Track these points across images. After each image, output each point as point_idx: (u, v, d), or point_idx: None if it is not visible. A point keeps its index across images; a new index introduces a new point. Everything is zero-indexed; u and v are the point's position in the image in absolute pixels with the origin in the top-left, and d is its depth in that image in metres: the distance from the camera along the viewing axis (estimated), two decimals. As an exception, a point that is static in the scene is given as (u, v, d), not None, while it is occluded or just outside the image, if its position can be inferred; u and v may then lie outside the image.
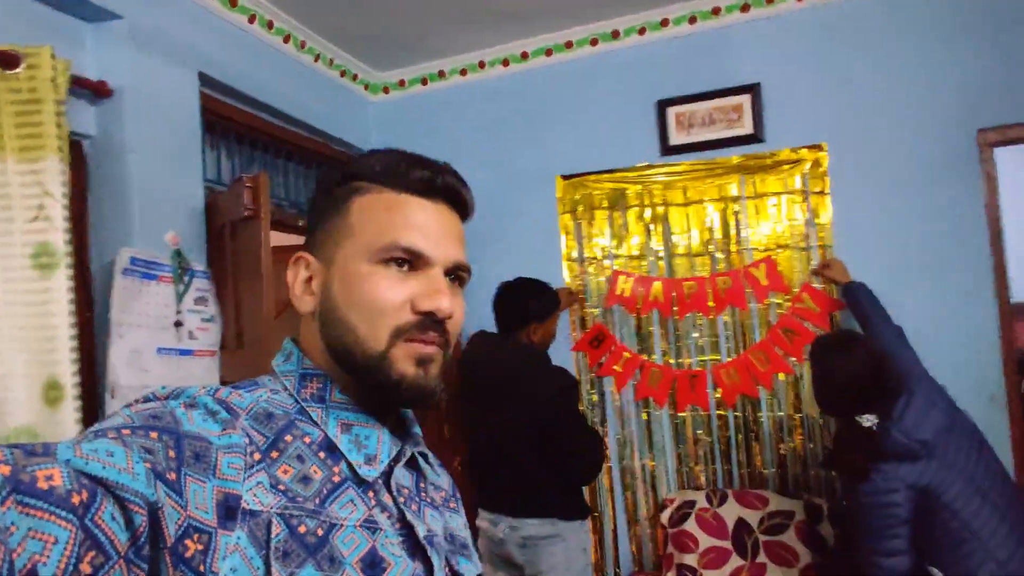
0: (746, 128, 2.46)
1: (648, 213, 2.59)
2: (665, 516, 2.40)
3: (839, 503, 2.25)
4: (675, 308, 2.53)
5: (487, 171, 2.77)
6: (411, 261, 0.64)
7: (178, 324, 1.99)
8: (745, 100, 2.46)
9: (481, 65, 2.77)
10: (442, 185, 0.67)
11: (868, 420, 1.78)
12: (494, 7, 2.42)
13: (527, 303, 2.09)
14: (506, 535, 2.05)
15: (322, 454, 0.62)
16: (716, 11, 2.48)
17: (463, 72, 2.79)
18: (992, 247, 2.22)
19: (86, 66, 1.87)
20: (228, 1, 2.16)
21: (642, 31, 2.55)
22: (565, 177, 2.69)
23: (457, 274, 0.68)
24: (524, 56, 2.71)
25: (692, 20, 2.51)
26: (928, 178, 2.28)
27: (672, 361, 2.55)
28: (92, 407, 1.80)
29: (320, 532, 0.57)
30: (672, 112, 2.52)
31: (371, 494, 0.62)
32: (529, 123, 2.76)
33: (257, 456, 0.57)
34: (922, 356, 1.96)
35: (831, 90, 2.40)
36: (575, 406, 2.04)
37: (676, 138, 2.52)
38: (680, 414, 2.54)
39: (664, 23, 2.53)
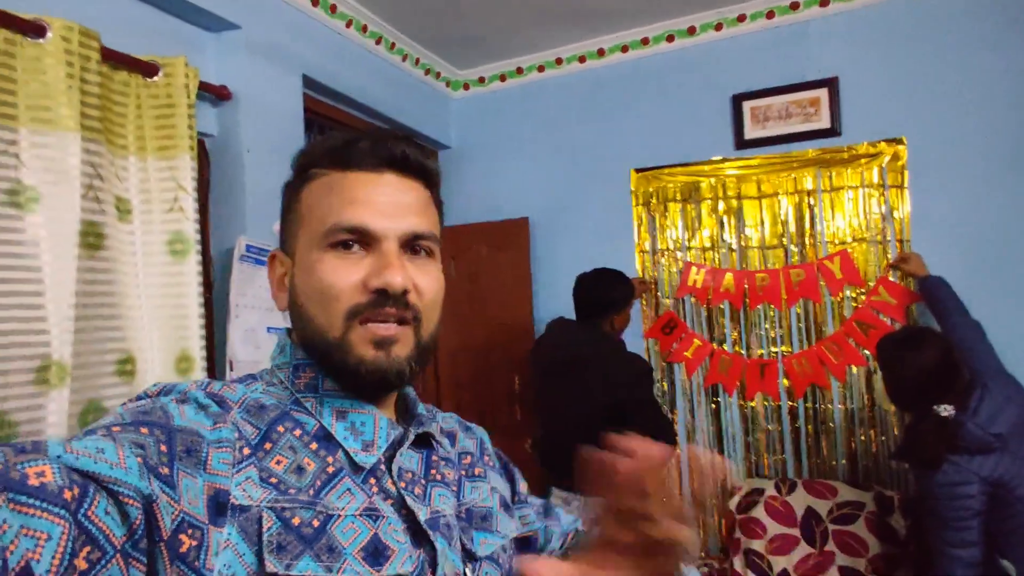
0: (823, 122, 2.60)
1: (721, 206, 2.76)
2: (733, 503, 2.57)
3: (910, 495, 2.37)
4: (747, 299, 2.70)
5: (562, 164, 2.98)
6: (361, 241, 0.64)
7: (283, 306, 2.29)
8: (822, 94, 2.60)
9: (558, 62, 2.99)
10: (386, 155, 0.66)
11: (946, 410, 1.86)
12: (571, 6, 2.62)
13: (609, 292, 2.29)
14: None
15: (314, 445, 0.63)
16: (795, 6, 2.62)
17: (540, 68, 3.02)
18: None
19: (208, 72, 2.17)
20: (328, 8, 2.45)
21: (719, 27, 2.72)
22: (639, 170, 2.89)
23: (418, 245, 0.67)
24: (600, 53, 2.91)
25: (770, 15, 2.65)
26: (1007, 172, 2.37)
27: (742, 351, 2.72)
28: (216, 378, 2.10)
29: (316, 523, 0.57)
30: (747, 106, 2.68)
31: (372, 481, 0.64)
32: (604, 118, 2.95)
33: (247, 451, 0.58)
34: (999, 352, 2.05)
35: (910, 84, 2.50)
36: (651, 391, 2.24)
37: (751, 132, 2.67)
38: (750, 403, 2.70)
39: (741, 18, 2.69)
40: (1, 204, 1.59)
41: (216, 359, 2.14)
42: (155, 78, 1.94)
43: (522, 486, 0.87)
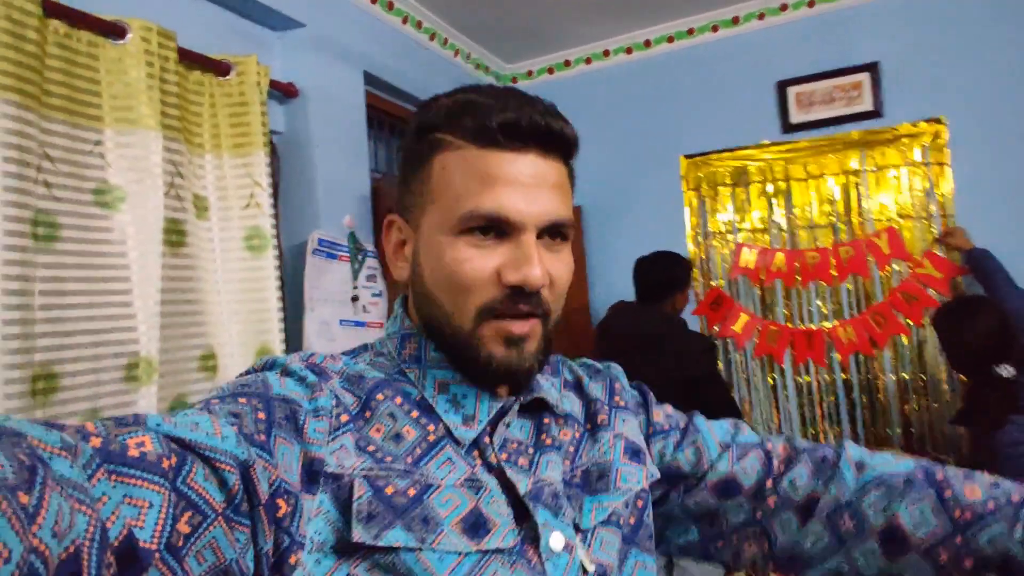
0: (865, 105, 2.49)
1: (770, 188, 2.66)
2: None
3: (964, 458, 2.28)
4: (798, 277, 2.59)
5: (612, 153, 2.86)
6: (497, 229, 0.56)
7: (354, 299, 2.17)
8: (864, 78, 2.48)
9: (606, 54, 2.86)
10: (529, 128, 0.56)
11: (1007, 370, 1.81)
12: (617, -1, 2.51)
13: (670, 272, 2.20)
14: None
15: (415, 413, 0.58)
16: (834, -8, 2.50)
17: (588, 61, 2.89)
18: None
19: (275, 70, 2.05)
20: (387, 4, 2.32)
21: (761, 16, 2.60)
22: (688, 156, 2.77)
23: (555, 231, 0.59)
24: (647, 44, 2.78)
25: (811, 3, 2.54)
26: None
27: (791, 325, 2.62)
28: (294, 371, 1.99)
29: (412, 492, 0.53)
30: (792, 92, 2.56)
31: (476, 453, 0.58)
32: (653, 107, 2.84)
33: (345, 418, 0.54)
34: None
35: (948, 65, 2.40)
36: (716, 366, 2.14)
37: (796, 116, 2.56)
38: (804, 378, 2.60)
39: (783, 7, 2.57)
40: (90, 204, 1.48)
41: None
42: (228, 77, 1.84)
43: (656, 414, 0.75)
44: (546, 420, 0.64)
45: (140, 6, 1.58)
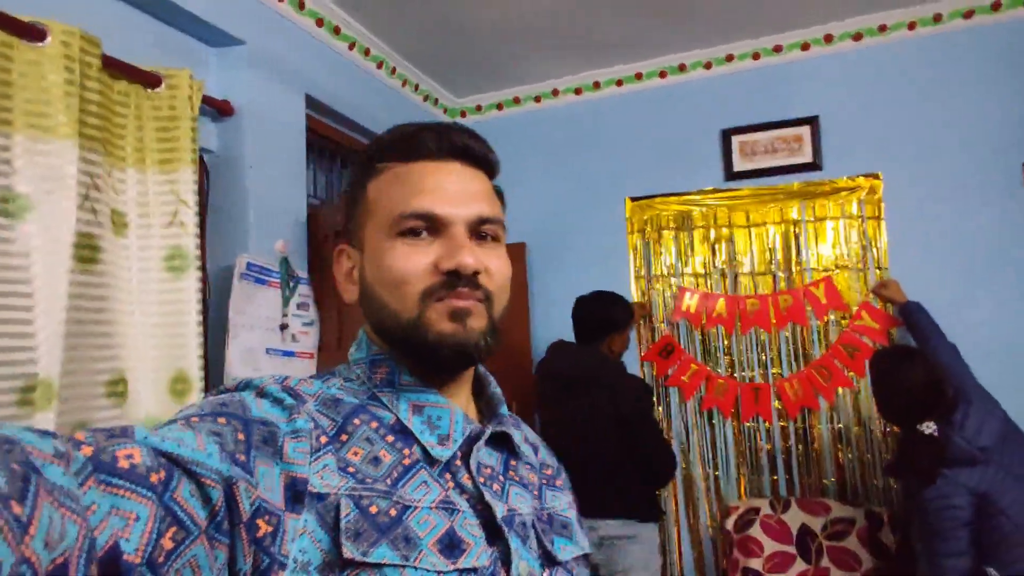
0: (806, 156, 2.60)
1: (713, 234, 2.72)
2: (730, 522, 2.48)
3: (899, 511, 2.33)
4: (738, 324, 2.64)
5: (558, 192, 2.90)
6: (429, 227, 0.62)
7: (283, 327, 2.11)
8: (805, 131, 2.60)
9: (555, 93, 2.92)
10: (450, 145, 0.65)
11: (928, 427, 1.88)
12: (569, 40, 2.57)
13: (607, 313, 2.21)
14: (584, 535, 2.12)
15: (390, 437, 0.60)
16: (778, 48, 2.63)
17: (537, 99, 2.95)
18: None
19: (211, 87, 2.02)
20: (333, 29, 2.32)
21: (708, 65, 2.70)
22: (634, 199, 2.83)
23: (484, 230, 0.65)
24: (596, 86, 2.86)
25: (756, 56, 2.66)
26: (977, 205, 2.41)
27: (735, 374, 2.65)
28: (211, 401, 1.91)
29: (393, 512, 0.55)
30: (736, 140, 2.66)
31: (448, 475, 0.61)
32: (600, 148, 2.89)
33: (324, 439, 0.56)
34: (976, 373, 2.05)
35: (886, 123, 2.53)
36: (652, 411, 2.14)
37: (740, 164, 2.65)
38: (745, 424, 2.63)
39: (729, 58, 2.68)
40: (-9, 212, 1.41)
41: (212, 380, 1.95)
42: (158, 89, 1.79)
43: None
44: (512, 461, 0.68)
45: (66, 11, 1.53)
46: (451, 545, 0.56)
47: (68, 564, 0.34)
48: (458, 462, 0.62)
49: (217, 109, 1.99)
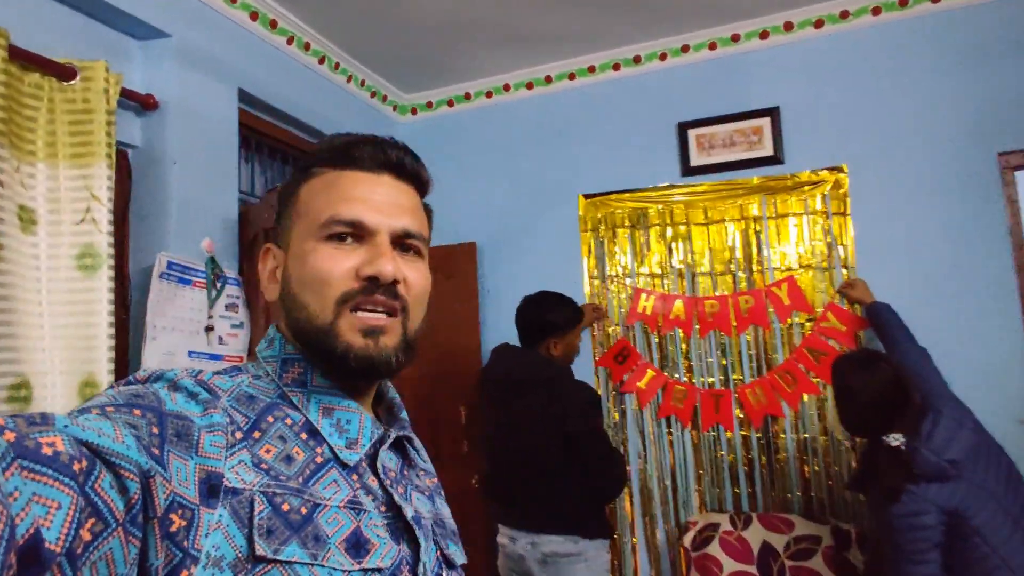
0: (766, 150, 2.53)
1: (669, 232, 2.65)
2: (688, 539, 2.38)
3: (867, 529, 2.22)
4: (697, 326, 2.56)
5: (510, 189, 2.85)
6: (355, 234, 0.65)
7: (209, 329, 2.06)
8: (765, 123, 2.53)
9: (506, 88, 2.88)
10: (384, 158, 0.68)
11: (895, 439, 1.76)
12: (519, 33, 2.53)
13: (547, 315, 2.13)
14: (526, 552, 2.01)
15: (304, 435, 0.62)
16: (735, 38, 2.57)
17: (488, 94, 2.91)
18: (1017, 270, 2.23)
19: (135, 80, 1.98)
20: (268, 23, 2.29)
21: (663, 56, 2.65)
22: (587, 196, 2.77)
23: (408, 243, 0.68)
24: (548, 80, 2.81)
25: (712, 46, 2.60)
26: (949, 200, 2.32)
27: (695, 380, 2.56)
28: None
29: (304, 511, 0.57)
30: (693, 134, 2.59)
31: (355, 476, 0.63)
32: (552, 144, 2.84)
33: (239, 435, 0.57)
34: (947, 378, 1.94)
35: (850, 114, 2.46)
36: (599, 421, 2.05)
37: (697, 159, 2.58)
38: (705, 433, 2.54)
39: (684, 49, 2.63)
40: None
41: (128, 385, 1.89)
42: (72, 82, 1.76)
43: None
44: (408, 466, 0.71)
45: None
46: (357, 545, 0.58)
47: None
48: (364, 465, 0.65)
49: (140, 103, 1.96)
